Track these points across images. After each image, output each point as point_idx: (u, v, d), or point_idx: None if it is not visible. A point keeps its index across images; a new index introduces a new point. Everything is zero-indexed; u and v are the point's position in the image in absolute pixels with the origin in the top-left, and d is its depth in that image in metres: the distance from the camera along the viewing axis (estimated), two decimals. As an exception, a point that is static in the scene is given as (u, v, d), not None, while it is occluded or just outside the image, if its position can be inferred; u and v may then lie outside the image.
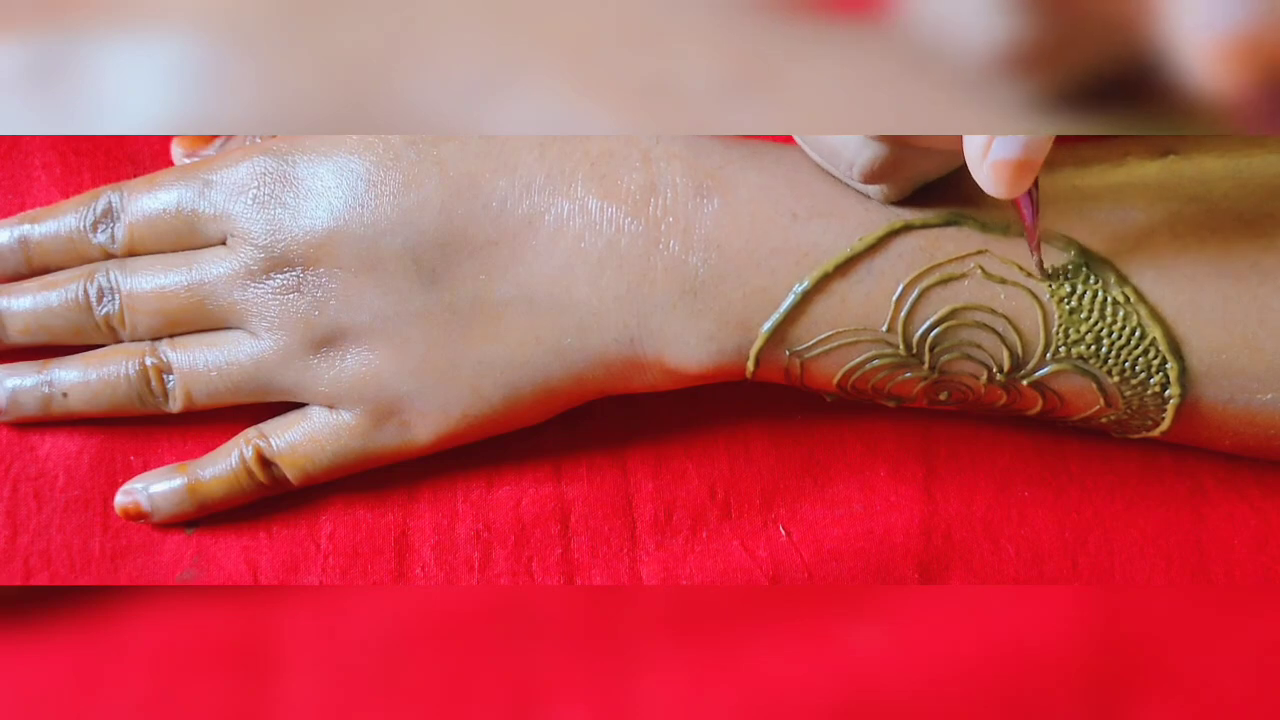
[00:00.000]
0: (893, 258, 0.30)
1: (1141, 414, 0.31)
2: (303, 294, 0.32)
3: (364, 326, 0.32)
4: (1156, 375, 0.30)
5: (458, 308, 0.32)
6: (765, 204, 0.31)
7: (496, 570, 0.35)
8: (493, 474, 0.35)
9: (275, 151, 0.33)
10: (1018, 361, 0.30)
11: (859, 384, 0.31)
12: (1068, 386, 0.31)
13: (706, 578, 0.34)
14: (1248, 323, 0.30)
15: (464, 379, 0.32)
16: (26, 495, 0.35)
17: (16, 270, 0.35)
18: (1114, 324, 0.30)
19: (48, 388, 0.35)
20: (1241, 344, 0.30)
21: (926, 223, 0.30)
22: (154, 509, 0.34)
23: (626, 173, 0.31)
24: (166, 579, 0.35)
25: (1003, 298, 0.30)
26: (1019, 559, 0.35)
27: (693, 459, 0.35)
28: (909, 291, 0.30)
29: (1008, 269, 0.30)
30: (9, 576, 0.35)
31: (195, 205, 0.33)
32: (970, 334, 0.30)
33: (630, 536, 0.35)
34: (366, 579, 0.35)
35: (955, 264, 0.30)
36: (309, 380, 0.33)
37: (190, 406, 0.34)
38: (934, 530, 0.35)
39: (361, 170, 0.32)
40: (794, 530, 0.35)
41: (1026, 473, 0.35)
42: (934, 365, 0.31)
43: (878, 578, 0.34)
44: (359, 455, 0.34)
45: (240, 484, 0.34)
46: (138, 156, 0.38)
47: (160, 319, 0.34)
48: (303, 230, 0.32)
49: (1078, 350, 0.30)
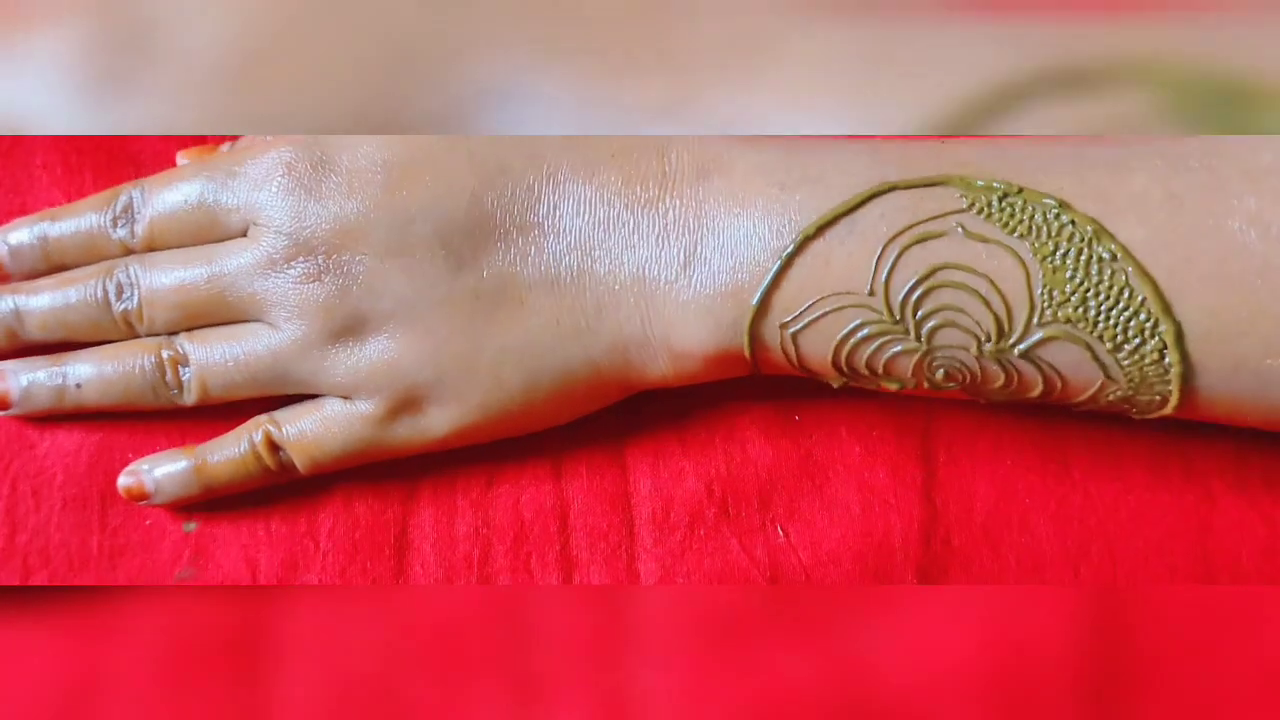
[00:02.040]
0: (874, 217, 0.30)
1: (1147, 388, 0.30)
2: (324, 282, 0.32)
3: (386, 313, 0.32)
4: (1152, 340, 0.29)
5: (482, 293, 0.32)
6: (758, 178, 0.31)
7: (495, 567, 0.35)
8: (492, 471, 0.35)
9: (301, 141, 0.33)
10: (1004, 328, 0.30)
11: (852, 359, 0.31)
12: (1063, 358, 0.30)
13: (704, 576, 0.34)
14: (1247, 280, 0.28)
15: (484, 366, 0.33)
16: (25, 494, 0.35)
17: (34, 268, 0.36)
18: (1100, 283, 0.29)
19: (61, 380, 0.35)
20: (1241, 303, 0.28)
21: (910, 183, 0.30)
22: (158, 490, 0.34)
23: (644, 162, 0.32)
24: (165, 578, 0.35)
25: (984, 257, 0.30)
26: (1019, 566, 0.34)
27: (690, 457, 0.35)
28: (889, 250, 0.30)
29: (989, 228, 0.30)
30: (7, 575, 0.35)
31: (218, 197, 0.34)
32: (953, 296, 0.30)
33: (628, 534, 0.35)
34: (366, 577, 0.35)
35: (935, 222, 0.30)
36: (326, 370, 0.33)
37: (205, 399, 0.34)
38: (933, 535, 0.35)
39: (392, 158, 0.32)
40: (791, 531, 0.35)
41: (1028, 478, 0.35)
42: (920, 333, 0.30)
43: (875, 581, 0.34)
44: (371, 445, 0.34)
45: (248, 469, 0.34)
46: (139, 157, 0.38)
47: (179, 313, 0.34)
48: (330, 216, 0.32)
49: (1064, 313, 0.29)
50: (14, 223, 0.36)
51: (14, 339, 0.35)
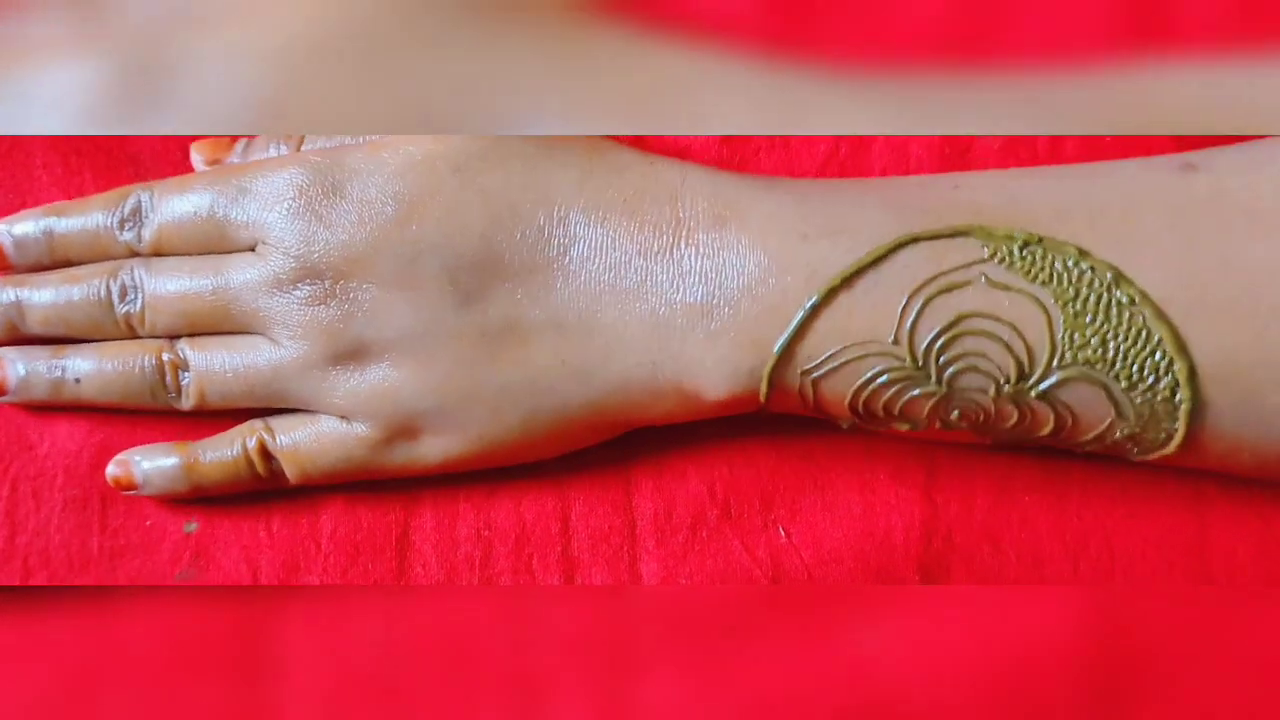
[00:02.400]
0: (898, 268, 0.30)
1: (1154, 425, 0.31)
2: (329, 306, 0.32)
3: (389, 342, 0.32)
4: (1165, 378, 0.30)
5: (488, 330, 0.32)
6: (776, 227, 0.31)
7: (497, 568, 0.35)
8: (494, 474, 0.35)
9: (314, 165, 0.33)
10: (1025, 370, 0.30)
11: (870, 403, 0.31)
12: (1078, 398, 0.30)
13: (706, 577, 0.34)
14: (1258, 321, 0.29)
15: (485, 401, 0.33)
16: (25, 494, 0.35)
17: (39, 261, 0.35)
18: (1119, 325, 0.30)
19: (60, 373, 0.35)
20: (1252, 343, 0.29)
21: (933, 233, 0.30)
22: (146, 482, 0.34)
23: (655, 208, 0.32)
24: (165, 578, 0.35)
25: (1007, 305, 0.30)
26: (1019, 563, 0.35)
27: (692, 459, 0.35)
28: (914, 300, 0.30)
29: (1012, 276, 0.30)
30: (8, 576, 0.34)
31: (227, 211, 0.34)
32: (975, 343, 0.30)
33: (630, 535, 0.35)
34: (367, 579, 0.35)
35: (959, 272, 0.30)
36: (325, 391, 0.33)
37: (202, 406, 0.34)
38: (934, 533, 0.35)
39: (404, 192, 0.32)
40: (794, 531, 0.35)
41: (1027, 477, 0.35)
42: (941, 378, 0.31)
43: (877, 580, 0.34)
44: (363, 466, 0.34)
45: (238, 472, 0.34)
46: (139, 157, 0.38)
47: (181, 320, 0.34)
48: (339, 243, 0.32)
49: (1084, 355, 0.30)
50: (20, 214, 0.36)
51: (14, 331, 0.35)
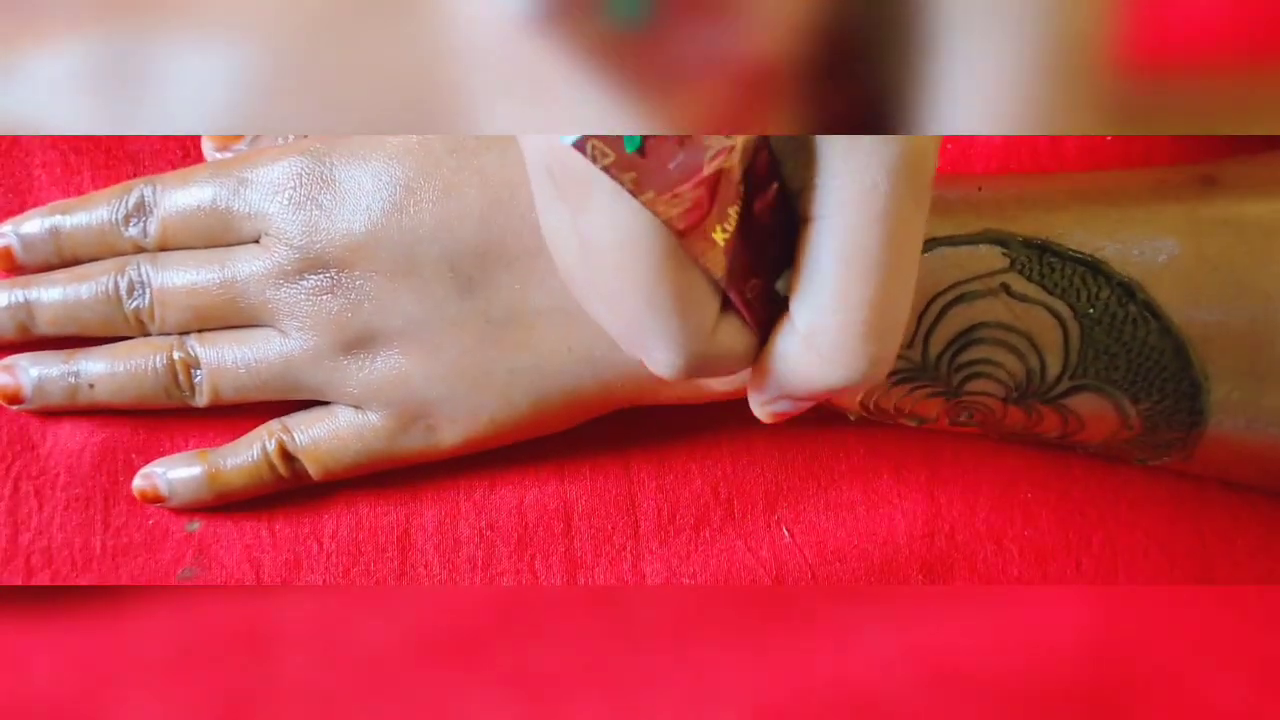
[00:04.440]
0: (920, 273, 0.30)
1: (1160, 437, 0.31)
2: (336, 296, 0.32)
3: (396, 331, 0.32)
4: (1174, 393, 0.30)
5: (492, 316, 0.32)
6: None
7: (499, 568, 0.35)
8: (496, 472, 0.35)
9: (313, 153, 0.33)
10: (1038, 382, 0.30)
11: (881, 402, 0.31)
12: (1087, 408, 0.30)
13: (709, 577, 0.34)
14: (1271, 341, 0.29)
15: (495, 386, 0.33)
16: (28, 494, 0.35)
17: (46, 260, 0.35)
18: (1133, 339, 0.30)
19: (74, 378, 0.35)
20: (1267, 367, 0.29)
21: (955, 238, 0.30)
22: (172, 494, 0.35)
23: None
24: (167, 577, 0.35)
25: (1024, 314, 0.30)
26: (1022, 560, 0.35)
27: (695, 459, 0.35)
28: (932, 307, 0.30)
29: (1031, 287, 0.30)
30: (10, 575, 0.34)
31: (230, 203, 0.34)
32: (991, 352, 0.30)
33: (633, 535, 0.35)
34: (369, 577, 0.35)
35: (979, 281, 0.30)
36: (338, 381, 0.33)
37: (217, 401, 0.34)
38: (937, 532, 0.35)
39: (401, 176, 0.32)
40: (797, 531, 0.35)
41: (1030, 475, 0.35)
42: (954, 383, 0.31)
43: (881, 579, 0.34)
44: (383, 455, 0.34)
45: (261, 476, 0.34)
46: (138, 156, 0.38)
47: (190, 314, 0.34)
48: (339, 233, 0.32)
49: (1096, 367, 0.30)
50: (26, 214, 0.36)
51: (25, 333, 0.35)
